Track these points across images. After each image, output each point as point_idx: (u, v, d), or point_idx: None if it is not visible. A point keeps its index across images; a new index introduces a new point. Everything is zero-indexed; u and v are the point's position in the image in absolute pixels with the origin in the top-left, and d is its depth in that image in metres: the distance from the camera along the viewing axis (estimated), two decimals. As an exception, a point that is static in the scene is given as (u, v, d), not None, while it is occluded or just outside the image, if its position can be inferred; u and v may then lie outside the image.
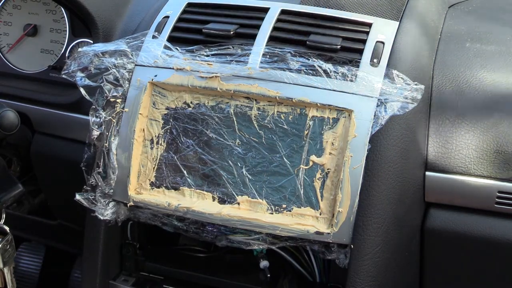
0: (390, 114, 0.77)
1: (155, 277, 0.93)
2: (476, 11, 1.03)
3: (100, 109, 0.85)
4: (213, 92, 0.82)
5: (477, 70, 0.86)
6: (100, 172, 0.84)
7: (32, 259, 1.44)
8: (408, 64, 0.82)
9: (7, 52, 1.10)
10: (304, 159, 0.79)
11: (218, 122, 0.82)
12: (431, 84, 0.85)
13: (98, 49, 0.86)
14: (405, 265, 0.85)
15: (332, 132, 0.78)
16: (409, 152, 0.79)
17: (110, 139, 0.84)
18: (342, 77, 0.79)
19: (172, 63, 0.84)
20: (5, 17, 1.10)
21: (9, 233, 0.96)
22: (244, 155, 0.80)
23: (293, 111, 0.80)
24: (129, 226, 0.92)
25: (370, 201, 0.77)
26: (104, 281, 0.92)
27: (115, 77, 0.85)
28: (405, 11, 0.89)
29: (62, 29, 1.07)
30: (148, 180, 0.84)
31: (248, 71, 0.81)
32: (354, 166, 0.77)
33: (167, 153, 0.83)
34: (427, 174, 0.81)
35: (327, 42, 0.82)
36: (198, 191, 0.82)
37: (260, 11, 0.89)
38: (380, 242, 0.78)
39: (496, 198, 0.80)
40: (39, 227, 1.19)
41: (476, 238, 0.81)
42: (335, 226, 0.77)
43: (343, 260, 0.78)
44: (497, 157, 0.80)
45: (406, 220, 0.81)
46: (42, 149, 1.01)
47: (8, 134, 0.90)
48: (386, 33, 0.84)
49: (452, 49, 0.91)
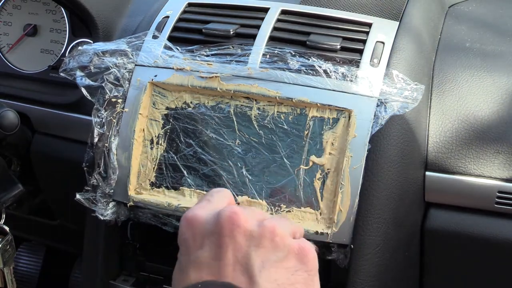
0: (390, 114, 0.77)
1: (155, 277, 0.93)
2: (476, 11, 1.03)
3: (102, 109, 0.85)
4: (213, 92, 0.82)
5: (477, 70, 0.86)
6: (100, 172, 0.84)
7: (32, 259, 1.45)
8: (408, 64, 0.82)
9: (7, 52, 1.10)
10: (304, 159, 0.79)
11: (218, 122, 0.82)
12: (431, 84, 0.85)
13: (98, 48, 0.86)
14: (405, 265, 0.85)
15: (332, 132, 0.78)
16: (409, 152, 0.79)
17: (110, 139, 0.84)
18: (342, 77, 0.79)
19: (172, 63, 0.84)
20: (5, 17, 1.10)
21: (9, 233, 0.96)
22: (244, 155, 0.81)
23: (293, 111, 0.80)
24: (129, 226, 0.92)
25: (370, 201, 0.77)
26: (104, 281, 0.92)
27: (116, 76, 0.85)
28: (405, 11, 0.90)
29: (62, 29, 1.07)
30: (148, 180, 0.84)
31: (248, 71, 0.81)
32: (354, 166, 0.77)
33: (167, 153, 0.83)
34: (427, 174, 0.81)
35: (327, 42, 0.82)
36: (198, 191, 0.82)
37: (260, 11, 0.89)
38: (380, 242, 0.78)
39: (496, 198, 0.79)
40: (39, 227, 1.19)
41: (476, 238, 0.81)
42: (335, 226, 0.77)
43: (343, 260, 0.78)
44: (497, 157, 0.80)
45: (406, 220, 0.81)
46: (42, 149, 1.01)
47: (8, 134, 0.90)
48: (386, 33, 0.84)
49: (452, 49, 0.91)
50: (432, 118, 0.83)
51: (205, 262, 0.53)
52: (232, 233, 0.53)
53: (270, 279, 0.52)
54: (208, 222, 0.55)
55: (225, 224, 0.53)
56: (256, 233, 0.53)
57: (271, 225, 0.54)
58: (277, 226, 0.54)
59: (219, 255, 0.53)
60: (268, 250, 0.53)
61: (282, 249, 0.54)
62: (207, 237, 0.54)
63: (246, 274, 0.52)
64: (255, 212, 0.57)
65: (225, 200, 0.59)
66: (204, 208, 0.57)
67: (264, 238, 0.53)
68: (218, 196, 0.59)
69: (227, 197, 0.60)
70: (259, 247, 0.53)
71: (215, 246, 0.53)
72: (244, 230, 0.53)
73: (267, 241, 0.53)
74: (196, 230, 0.55)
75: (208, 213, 0.55)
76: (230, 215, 0.54)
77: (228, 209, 0.54)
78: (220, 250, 0.53)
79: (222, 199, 0.59)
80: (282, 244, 0.54)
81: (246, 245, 0.53)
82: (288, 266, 0.53)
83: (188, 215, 0.56)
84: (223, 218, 0.54)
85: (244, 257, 0.52)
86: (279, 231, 0.54)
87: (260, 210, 0.66)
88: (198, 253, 0.54)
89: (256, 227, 0.54)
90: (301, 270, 0.54)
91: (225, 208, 0.55)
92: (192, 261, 0.54)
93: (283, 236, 0.54)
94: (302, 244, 0.55)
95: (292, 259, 0.54)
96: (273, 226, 0.54)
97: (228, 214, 0.54)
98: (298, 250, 0.54)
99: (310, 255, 0.55)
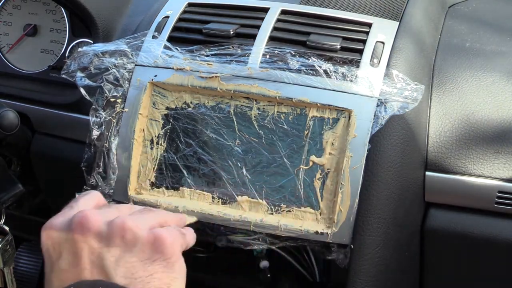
0: (390, 114, 0.77)
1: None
2: (476, 11, 1.03)
3: (100, 109, 0.85)
4: (213, 92, 0.82)
5: (477, 70, 0.86)
6: (100, 172, 0.84)
7: (32, 259, 1.44)
8: (408, 64, 0.82)
9: (7, 52, 1.10)
10: (304, 159, 0.79)
11: (218, 122, 0.82)
12: (431, 84, 0.85)
13: (98, 49, 0.86)
14: (405, 265, 0.85)
15: (332, 132, 0.78)
16: (409, 152, 0.79)
17: (110, 139, 0.84)
18: (342, 77, 0.79)
19: (172, 63, 0.84)
20: (5, 17, 1.10)
21: (9, 233, 0.96)
22: (244, 155, 0.81)
23: (293, 111, 0.80)
24: (129, 226, 0.92)
25: (370, 201, 0.77)
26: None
27: (115, 77, 0.85)
28: (405, 11, 0.90)
29: (62, 29, 1.07)
30: (148, 180, 0.84)
31: (248, 71, 0.81)
32: (354, 166, 0.77)
33: (167, 153, 0.83)
34: (427, 174, 0.81)
35: (327, 42, 0.82)
36: (198, 191, 0.82)
37: (260, 11, 0.89)
38: (380, 242, 0.78)
39: (496, 198, 0.79)
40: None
41: (476, 238, 0.81)
42: (335, 226, 0.77)
43: (343, 260, 0.78)
44: (497, 157, 0.80)
45: (406, 220, 0.81)
46: (42, 149, 1.01)
47: (8, 134, 0.90)
48: (386, 33, 0.84)
49: (452, 49, 0.91)
50: (432, 118, 0.83)
51: (65, 269, 0.55)
52: (84, 238, 0.54)
53: (127, 274, 0.53)
54: (62, 229, 0.56)
55: (76, 229, 0.55)
56: (106, 233, 0.55)
57: (120, 222, 0.55)
58: (127, 222, 0.55)
59: (76, 261, 0.54)
60: (120, 247, 0.54)
61: (134, 243, 0.55)
62: (63, 245, 0.55)
63: (103, 274, 0.53)
64: (109, 211, 0.58)
65: (90, 203, 0.60)
66: (63, 215, 0.58)
67: (115, 236, 0.54)
68: (83, 200, 0.60)
69: (93, 199, 0.60)
70: (111, 246, 0.54)
71: (71, 253, 0.55)
72: (94, 233, 0.55)
73: (118, 239, 0.54)
74: (54, 240, 0.57)
75: (63, 220, 0.57)
76: (80, 220, 0.55)
77: (79, 214, 0.56)
78: (76, 256, 0.54)
79: (86, 202, 0.60)
80: (134, 238, 0.55)
81: (99, 247, 0.54)
82: (143, 259, 0.54)
83: (45, 225, 0.58)
84: (75, 223, 0.55)
85: (98, 258, 0.54)
86: (129, 225, 0.55)
87: (121, 207, 0.64)
88: (59, 263, 0.55)
89: (106, 226, 0.55)
90: (159, 260, 0.55)
91: (76, 213, 0.56)
92: (55, 271, 0.55)
93: (133, 230, 0.55)
94: (157, 233, 0.56)
95: (147, 250, 0.55)
96: (122, 223, 0.55)
97: (78, 220, 0.55)
98: (153, 240, 0.55)
99: (167, 242, 0.56)
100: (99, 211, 0.57)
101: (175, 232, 0.58)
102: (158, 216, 0.60)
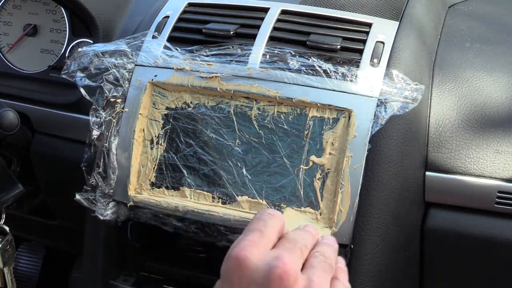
0: (390, 114, 0.77)
1: (155, 277, 0.93)
2: (476, 11, 1.03)
3: (100, 109, 0.85)
4: (213, 92, 0.82)
5: (477, 70, 0.86)
6: (100, 172, 0.84)
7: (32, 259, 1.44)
8: (408, 64, 0.82)
9: (7, 52, 1.10)
10: (304, 159, 0.79)
11: (218, 122, 0.82)
12: (431, 84, 0.85)
13: (98, 49, 0.87)
14: (405, 265, 0.85)
15: (332, 132, 0.78)
16: (409, 152, 0.79)
17: (110, 139, 0.84)
18: (342, 77, 0.79)
19: (172, 63, 0.84)
20: (5, 17, 1.10)
21: (9, 233, 0.96)
22: (244, 155, 0.81)
23: (293, 111, 0.80)
24: (129, 226, 0.92)
25: (370, 201, 0.77)
26: (104, 281, 0.92)
27: (115, 77, 0.85)
28: (405, 11, 0.90)
29: (62, 29, 1.07)
30: (148, 180, 0.84)
31: (248, 71, 0.81)
32: (354, 166, 0.77)
33: (167, 153, 0.83)
34: (427, 174, 0.81)
35: (327, 42, 0.82)
36: (198, 191, 0.82)
37: (260, 11, 0.89)
38: (380, 242, 0.78)
39: (496, 198, 0.79)
40: (39, 227, 1.19)
41: (476, 238, 0.81)
42: (335, 226, 0.77)
43: (343, 260, 0.78)
44: (497, 157, 0.80)
45: (406, 220, 0.81)
46: (42, 149, 1.01)
47: (8, 134, 0.90)
48: (386, 33, 0.84)
49: (452, 49, 0.91)
50: (432, 118, 0.83)
51: None
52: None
53: None
54: (258, 271, 0.53)
55: (275, 282, 0.52)
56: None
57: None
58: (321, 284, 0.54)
59: None
60: None
61: None
62: (253, 285, 0.53)
63: None
64: (298, 254, 0.56)
65: (277, 229, 0.58)
66: (256, 245, 0.55)
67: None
68: (271, 223, 0.57)
69: (279, 225, 0.58)
70: None
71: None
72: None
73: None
74: (243, 275, 0.53)
75: (260, 258, 0.54)
76: (282, 274, 0.52)
77: (280, 265, 0.53)
78: None
79: (274, 228, 0.57)
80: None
81: None
82: None
83: (240, 255, 0.54)
84: (275, 275, 0.52)
85: None
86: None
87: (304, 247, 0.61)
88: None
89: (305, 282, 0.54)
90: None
91: (277, 263, 0.53)
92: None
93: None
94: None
95: None
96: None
97: (280, 273, 0.52)
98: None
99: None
100: (298, 263, 0.55)
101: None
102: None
